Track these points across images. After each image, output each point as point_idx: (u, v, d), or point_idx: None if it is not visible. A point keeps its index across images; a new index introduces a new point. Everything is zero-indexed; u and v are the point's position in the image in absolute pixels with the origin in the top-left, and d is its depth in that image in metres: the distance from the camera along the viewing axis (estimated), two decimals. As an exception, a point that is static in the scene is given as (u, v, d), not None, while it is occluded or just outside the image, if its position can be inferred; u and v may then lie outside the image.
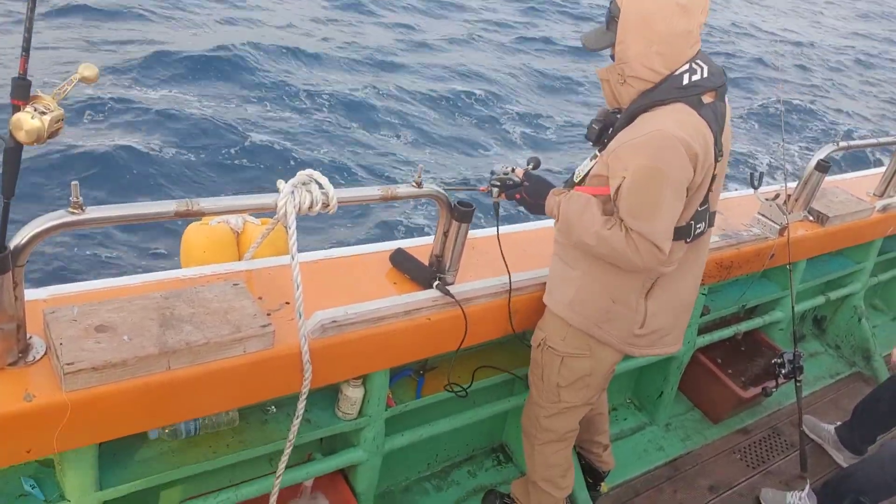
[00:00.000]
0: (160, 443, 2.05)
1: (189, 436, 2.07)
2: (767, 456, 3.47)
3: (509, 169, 2.34)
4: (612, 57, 2.06)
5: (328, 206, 1.93)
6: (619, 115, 2.12)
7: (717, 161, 2.05)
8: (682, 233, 2.10)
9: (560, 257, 2.30)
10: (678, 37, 1.94)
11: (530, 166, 2.35)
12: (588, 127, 2.20)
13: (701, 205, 2.10)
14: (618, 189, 1.99)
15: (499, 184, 2.32)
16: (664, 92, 1.98)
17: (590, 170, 2.18)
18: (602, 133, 2.16)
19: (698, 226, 2.15)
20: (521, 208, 2.34)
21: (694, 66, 1.99)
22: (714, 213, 2.23)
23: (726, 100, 2.11)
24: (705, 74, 2.00)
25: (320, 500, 2.47)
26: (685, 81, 1.97)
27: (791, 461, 3.44)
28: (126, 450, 1.99)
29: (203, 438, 2.09)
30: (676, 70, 1.97)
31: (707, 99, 2.01)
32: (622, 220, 2.00)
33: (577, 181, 2.25)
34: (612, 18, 2.01)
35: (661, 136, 1.91)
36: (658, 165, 1.92)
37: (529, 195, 2.27)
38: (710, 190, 2.10)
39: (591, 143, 2.22)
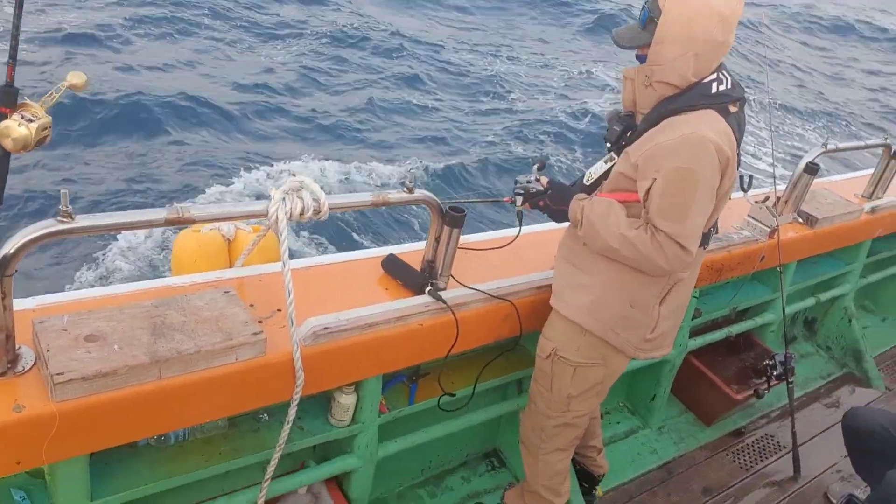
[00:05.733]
0: (151, 451, 2.03)
1: (178, 441, 2.06)
2: (760, 457, 3.48)
3: (532, 177, 2.35)
4: (638, 58, 2.06)
5: (319, 212, 1.93)
6: (632, 118, 2.13)
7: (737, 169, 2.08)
8: (704, 239, 2.14)
9: (570, 262, 2.27)
10: (714, 46, 1.96)
11: (536, 167, 2.36)
12: (608, 129, 2.19)
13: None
14: (648, 190, 2.00)
15: (523, 192, 2.34)
16: (693, 98, 1.99)
17: (606, 171, 2.18)
18: (622, 136, 2.15)
19: (712, 231, 2.21)
20: (545, 214, 2.36)
21: (720, 76, 2.02)
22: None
23: (745, 111, 2.13)
24: (730, 85, 2.03)
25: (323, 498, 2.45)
26: (713, 90, 2.00)
27: (784, 462, 3.45)
28: (117, 459, 1.98)
29: (195, 446, 2.08)
30: (704, 78, 2.00)
31: (732, 108, 2.04)
32: (650, 222, 2.01)
33: (587, 183, 2.25)
34: (650, 19, 1.99)
35: (696, 139, 1.93)
36: (692, 167, 1.94)
37: (553, 202, 2.28)
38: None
39: (608, 146, 2.20)
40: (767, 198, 3.29)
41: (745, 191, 3.09)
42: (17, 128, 1.44)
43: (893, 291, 4.78)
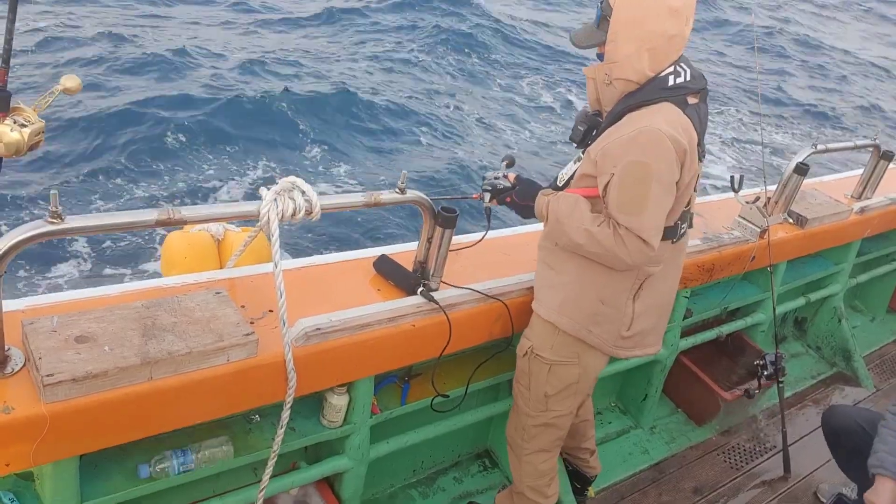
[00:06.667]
0: (142, 452, 2.02)
1: (185, 471, 2.00)
2: (751, 457, 3.50)
3: (500, 174, 2.35)
4: (600, 56, 2.08)
5: (311, 213, 1.92)
6: (600, 118, 2.15)
7: (700, 161, 2.09)
8: (669, 233, 2.14)
9: (546, 263, 2.30)
10: (668, 39, 1.98)
11: (504, 163, 2.37)
12: (573, 129, 2.22)
13: (686, 205, 2.14)
14: (606, 185, 2.01)
15: (490, 189, 2.34)
16: (650, 92, 2.01)
17: (574, 172, 2.20)
18: (587, 135, 2.18)
19: (682, 226, 2.19)
20: (513, 211, 2.36)
21: (678, 68, 2.03)
22: (692, 213, 2.27)
23: (707, 102, 2.15)
24: (688, 77, 2.04)
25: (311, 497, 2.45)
26: (670, 83, 2.01)
27: (774, 462, 3.47)
28: (107, 460, 1.97)
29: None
30: (661, 72, 2.02)
31: (691, 100, 2.05)
32: (611, 217, 2.02)
33: (560, 185, 2.27)
34: (603, 18, 2.04)
35: (650, 133, 1.94)
36: (646, 161, 1.95)
37: (519, 198, 2.29)
38: (693, 190, 2.14)
39: (574, 145, 2.24)
40: (758, 198, 3.31)
41: (735, 191, 3.11)
42: (10, 133, 1.44)
43: (882, 291, 4.81)
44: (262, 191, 1.88)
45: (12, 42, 1.42)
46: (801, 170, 3.31)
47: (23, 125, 1.45)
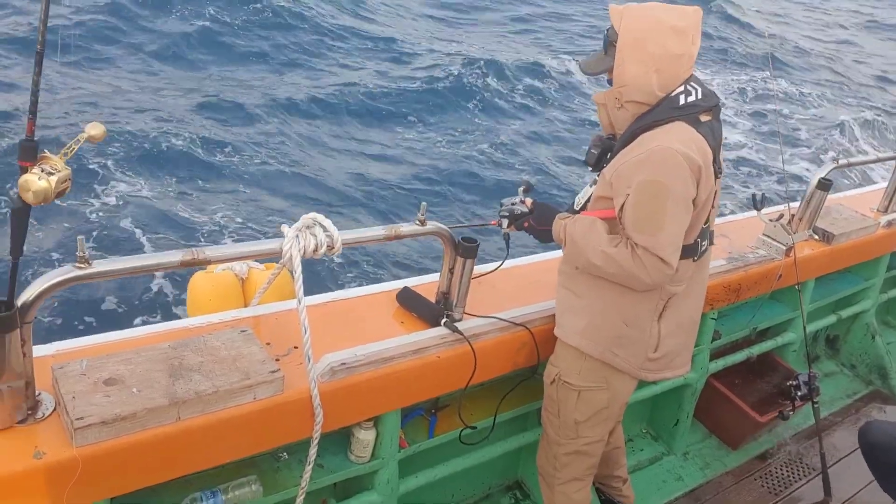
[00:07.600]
0: (172, 492, 2.02)
1: None
2: (789, 481, 3.41)
3: (517, 200, 2.36)
4: (610, 82, 2.11)
5: (333, 248, 1.94)
6: (613, 140, 2.16)
7: (716, 178, 2.09)
8: (690, 251, 2.12)
9: (567, 287, 2.29)
10: (674, 59, 2.00)
11: (521, 189, 2.38)
12: (587, 153, 2.24)
13: (704, 222, 2.13)
14: (622, 206, 2.01)
15: (508, 214, 2.35)
16: (662, 112, 2.02)
17: (591, 195, 2.21)
18: (601, 158, 2.20)
19: (703, 243, 2.18)
20: (532, 237, 2.36)
21: (689, 87, 2.05)
22: (713, 231, 2.25)
23: (721, 119, 2.15)
24: (700, 96, 2.05)
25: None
26: (682, 102, 2.03)
27: (814, 485, 3.37)
28: (137, 501, 1.97)
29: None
30: (672, 92, 2.03)
31: (704, 118, 2.06)
32: (628, 238, 2.02)
33: (577, 208, 2.27)
34: (609, 43, 2.08)
35: (663, 151, 1.95)
36: (660, 180, 1.95)
37: (537, 222, 2.30)
38: (711, 207, 2.13)
39: (590, 169, 2.25)
40: (782, 216, 3.28)
41: (758, 209, 3.08)
42: (38, 181, 1.47)
43: None
44: (284, 228, 1.91)
45: (38, 94, 1.46)
46: (824, 185, 3.28)
47: (50, 173, 1.49)
